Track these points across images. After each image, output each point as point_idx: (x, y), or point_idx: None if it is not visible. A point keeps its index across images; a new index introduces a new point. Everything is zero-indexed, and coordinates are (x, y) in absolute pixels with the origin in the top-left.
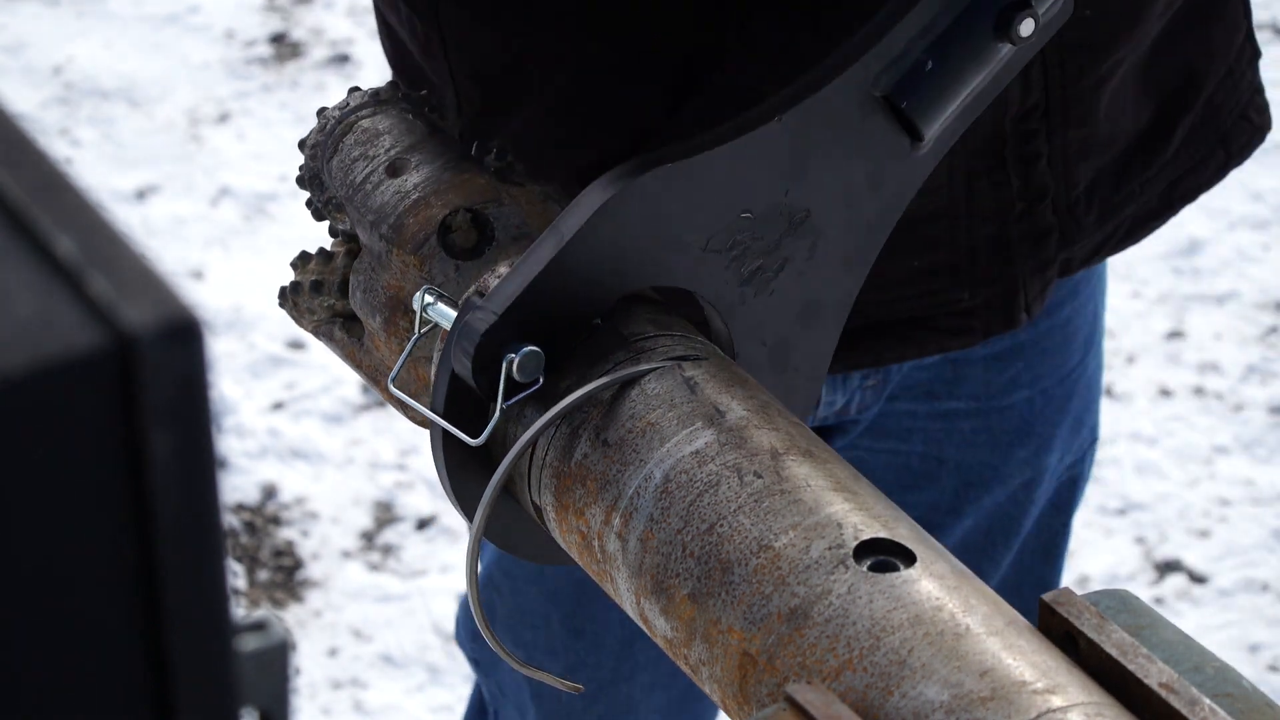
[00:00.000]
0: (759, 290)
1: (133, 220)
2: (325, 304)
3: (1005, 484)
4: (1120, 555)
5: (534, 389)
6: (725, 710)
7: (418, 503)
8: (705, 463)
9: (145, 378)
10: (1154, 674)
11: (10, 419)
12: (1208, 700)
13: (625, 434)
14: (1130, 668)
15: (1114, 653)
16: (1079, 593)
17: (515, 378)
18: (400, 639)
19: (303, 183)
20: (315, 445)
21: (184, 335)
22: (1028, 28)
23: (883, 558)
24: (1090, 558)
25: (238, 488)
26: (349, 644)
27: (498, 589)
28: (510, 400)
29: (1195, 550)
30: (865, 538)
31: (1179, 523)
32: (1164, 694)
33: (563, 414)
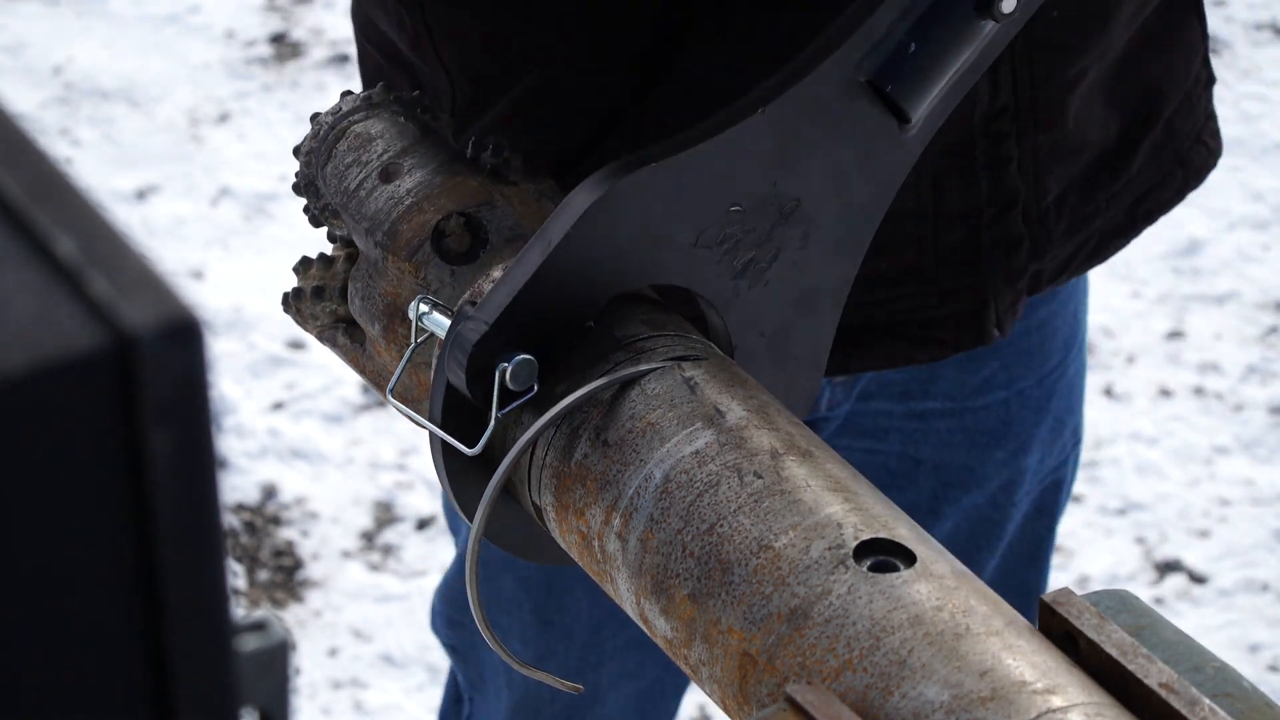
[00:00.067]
0: (753, 282)
1: (133, 220)
2: (328, 309)
3: (984, 486)
4: (1120, 555)
5: (529, 396)
6: (725, 710)
7: (418, 503)
8: (705, 463)
9: (145, 377)
10: (1154, 674)
11: (10, 419)
12: (1208, 700)
13: (625, 434)
14: (1130, 668)
15: (1114, 653)
16: (1079, 593)
17: (509, 386)
18: (400, 639)
19: (299, 189)
20: (315, 445)
21: (184, 335)
22: (1009, 4)
23: (883, 558)
24: (1090, 558)
25: (238, 488)
26: (349, 644)
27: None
28: (505, 409)
29: (1195, 550)
30: (865, 538)
31: (1179, 523)
32: (1164, 694)
33: (563, 414)
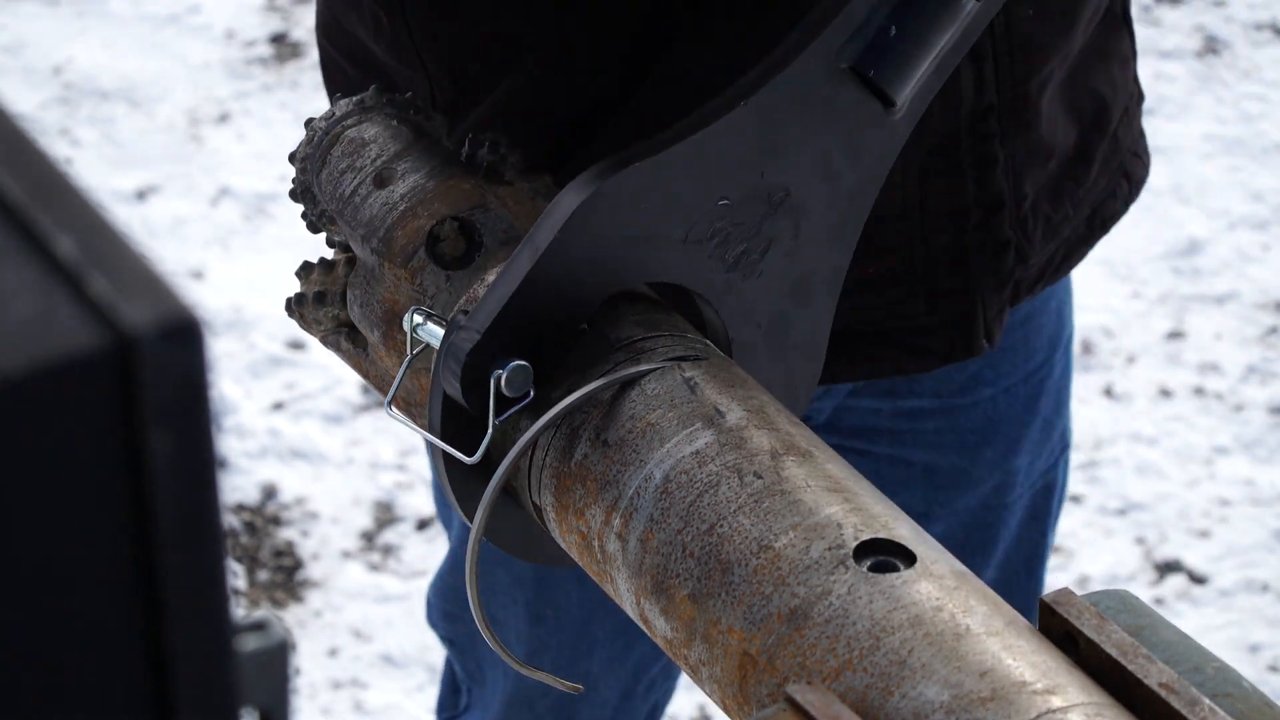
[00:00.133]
0: (746, 274)
1: (133, 220)
2: (330, 314)
3: (975, 488)
4: (1120, 555)
5: (525, 402)
6: (725, 710)
7: (418, 503)
8: (705, 463)
9: (145, 378)
10: (1154, 674)
11: (10, 419)
12: (1208, 700)
13: (625, 434)
14: (1130, 668)
15: (1114, 653)
16: (1079, 593)
17: (505, 393)
18: (400, 639)
19: (295, 196)
20: (315, 445)
21: (184, 335)
22: None
23: (883, 558)
24: (1090, 558)
25: (238, 488)
26: (349, 644)
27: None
28: (502, 416)
29: (1195, 550)
30: (865, 538)
31: (1179, 523)
32: (1164, 694)
33: (563, 414)
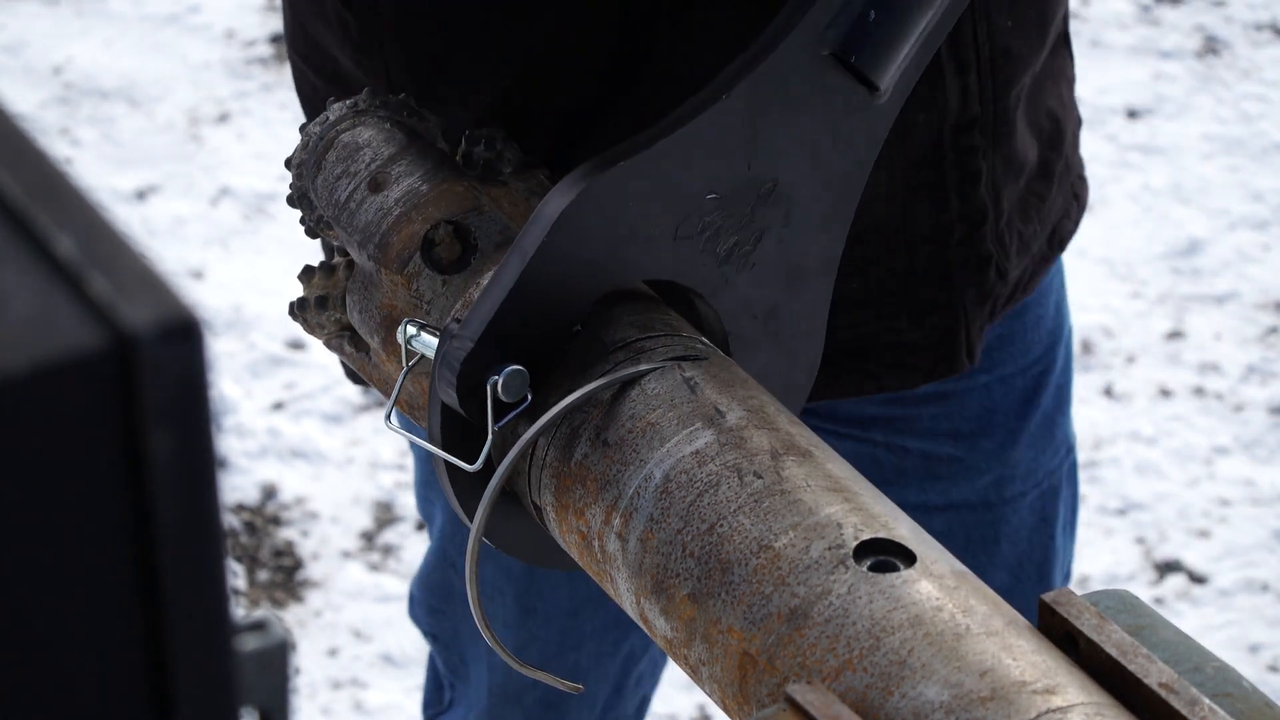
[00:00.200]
0: (740, 266)
1: (133, 220)
2: (332, 318)
3: (974, 479)
4: (1120, 555)
5: (523, 407)
6: (725, 710)
7: None
8: (705, 463)
9: (145, 378)
10: (1154, 674)
11: (10, 419)
12: (1208, 700)
13: (625, 434)
14: (1130, 668)
15: (1114, 653)
16: (1079, 593)
17: (502, 399)
18: (400, 639)
19: (293, 202)
20: (315, 445)
21: (184, 335)
22: None
23: (883, 558)
24: (1090, 558)
25: (238, 488)
26: (349, 644)
27: (453, 565)
28: (501, 422)
29: (1195, 550)
30: (865, 538)
31: (1179, 523)
32: (1164, 694)
33: (562, 414)
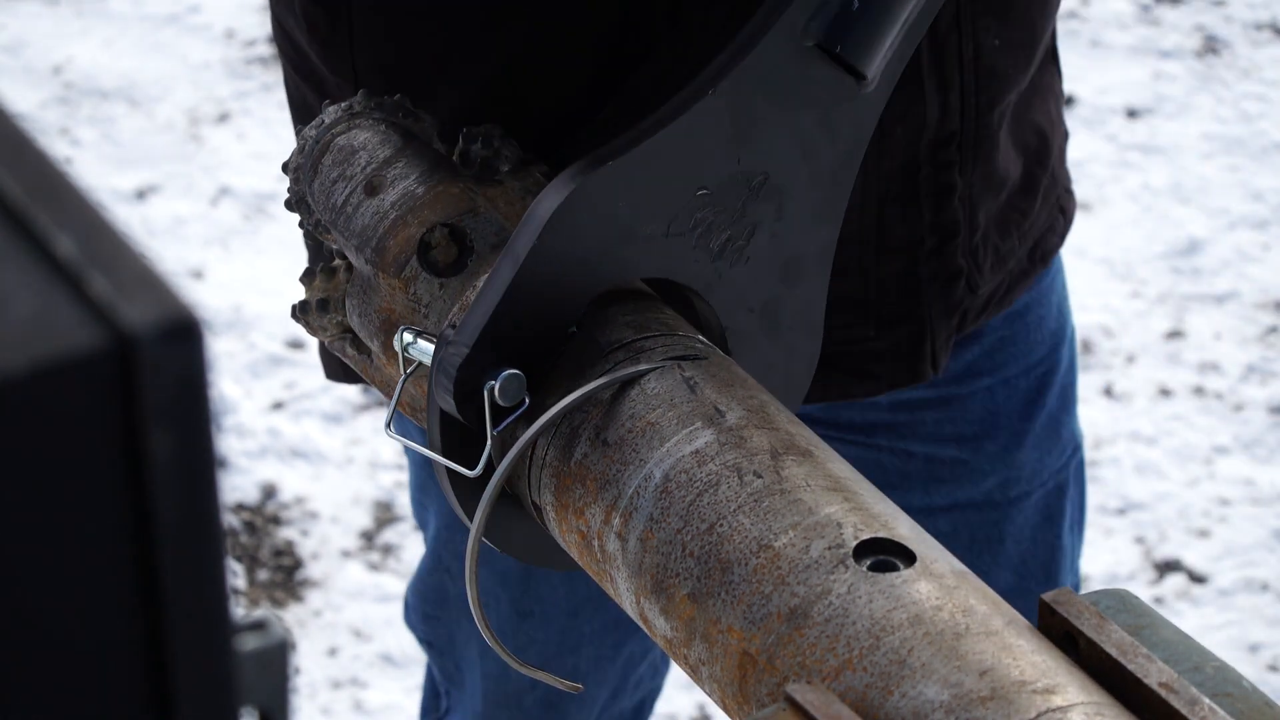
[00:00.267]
0: (733, 261)
1: (133, 220)
2: (334, 321)
3: (978, 482)
4: (1120, 555)
5: (522, 410)
6: (725, 710)
7: None
8: (705, 462)
9: (145, 378)
10: (1154, 674)
11: (10, 419)
12: (1207, 700)
13: (625, 434)
14: (1130, 667)
15: (1114, 652)
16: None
17: (500, 403)
18: (400, 639)
19: (291, 206)
20: (315, 445)
21: (184, 335)
22: None
23: (882, 557)
24: (1090, 558)
25: (238, 488)
26: (349, 644)
27: (448, 571)
28: (499, 426)
29: (1195, 550)
30: (865, 537)
31: (1179, 523)
32: (1164, 694)
33: (562, 414)
